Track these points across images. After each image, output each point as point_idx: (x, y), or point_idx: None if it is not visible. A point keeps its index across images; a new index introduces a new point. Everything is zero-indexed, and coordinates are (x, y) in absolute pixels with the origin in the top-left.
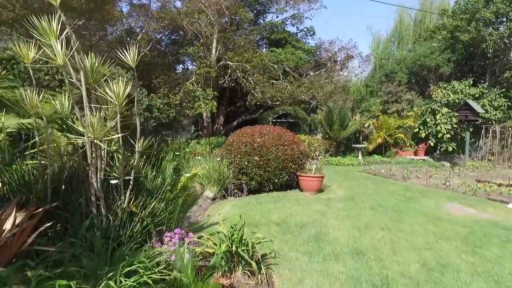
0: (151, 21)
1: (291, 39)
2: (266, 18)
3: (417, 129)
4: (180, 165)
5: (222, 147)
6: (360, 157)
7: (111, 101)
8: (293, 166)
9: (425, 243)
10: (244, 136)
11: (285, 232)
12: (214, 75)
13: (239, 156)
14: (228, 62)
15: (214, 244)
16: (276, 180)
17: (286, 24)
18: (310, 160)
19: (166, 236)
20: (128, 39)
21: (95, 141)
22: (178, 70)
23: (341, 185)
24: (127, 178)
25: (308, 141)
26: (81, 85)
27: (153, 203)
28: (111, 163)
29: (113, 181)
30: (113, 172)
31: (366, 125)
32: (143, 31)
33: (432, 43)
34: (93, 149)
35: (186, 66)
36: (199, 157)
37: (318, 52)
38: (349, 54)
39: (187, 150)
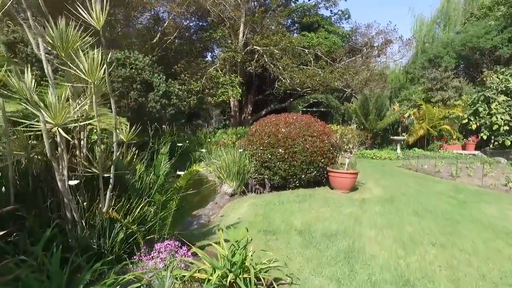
0: (174, 5)
1: (324, 23)
2: (297, 0)
3: (466, 120)
4: (201, 156)
5: (244, 138)
6: (398, 150)
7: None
8: (323, 160)
9: (499, 272)
10: (268, 125)
11: (308, 245)
12: (239, 60)
13: (261, 148)
14: (255, 47)
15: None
16: (303, 176)
17: (319, 7)
18: (342, 153)
19: (154, 250)
20: (156, 26)
21: (56, 128)
22: (208, 58)
23: (377, 182)
24: (106, 175)
25: (341, 132)
26: (41, 54)
27: (139, 207)
28: (90, 156)
29: (72, 182)
30: (93, 168)
31: (406, 115)
32: (170, 18)
33: (488, 21)
34: (57, 138)
35: (214, 54)
36: (222, 148)
37: (353, 37)
38: (387, 39)
39: (213, 140)
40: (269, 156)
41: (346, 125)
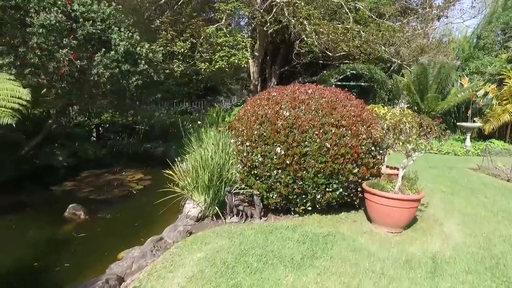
0: None
1: None
2: None
3: None
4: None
5: (233, 122)
6: (468, 142)
7: None
8: (356, 170)
9: None
10: (262, 104)
11: None
12: (247, 13)
13: (248, 143)
14: None
15: None
16: (319, 196)
17: None
18: (390, 153)
19: None
20: None
21: None
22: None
23: (449, 205)
24: None
25: (391, 118)
26: None
27: None
28: None
29: None
30: None
31: (479, 93)
32: None
33: None
34: None
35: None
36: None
37: None
38: None
39: (227, 120)
40: (260, 159)
41: (393, 106)
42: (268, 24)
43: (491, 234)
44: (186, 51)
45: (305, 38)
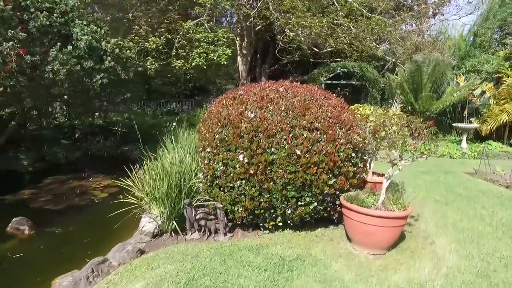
0: None
1: None
2: None
3: None
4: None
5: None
6: (464, 144)
7: None
8: (332, 182)
9: None
10: (226, 104)
11: None
12: (228, 6)
13: (209, 149)
14: None
15: None
16: (289, 212)
17: None
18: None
19: None
20: None
21: None
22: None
23: (443, 218)
24: None
25: (375, 120)
26: None
27: None
28: None
29: None
30: None
31: (476, 92)
32: None
33: None
34: None
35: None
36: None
37: None
38: None
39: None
40: (221, 168)
41: (386, 106)
42: (252, 18)
43: (490, 255)
44: (161, 47)
45: (288, 32)
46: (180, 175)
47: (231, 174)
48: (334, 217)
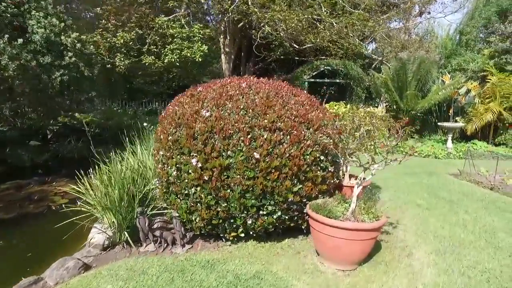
0: None
1: None
2: None
3: None
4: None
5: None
6: (449, 143)
7: None
8: (297, 188)
9: None
10: (182, 103)
11: None
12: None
13: (162, 152)
14: None
15: None
16: (250, 222)
17: None
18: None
19: None
20: None
21: None
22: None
23: (423, 225)
24: None
25: (349, 120)
26: None
27: None
28: None
29: None
30: None
31: (461, 91)
32: None
33: None
34: None
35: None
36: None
37: None
38: None
39: None
40: (175, 173)
41: (368, 105)
42: (230, 14)
43: (471, 268)
44: (131, 43)
45: (265, 27)
46: (134, 181)
47: (185, 180)
48: (303, 227)
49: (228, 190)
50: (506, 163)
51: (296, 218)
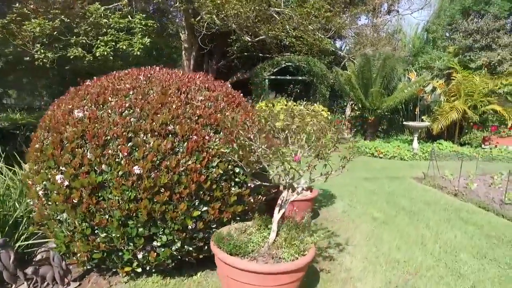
0: None
1: None
2: None
3: None
4: None
5: None
6: (415, 144)
7: None
8: (199, 213)
9: None
10: (63, 102)
11: None
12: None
13: (29, 165)
14: None
15: None
16: (141, 256)
17: None
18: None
19: None
20: None
21: None
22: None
23: (377, 245)
24: None
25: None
26: None
27: None
28: None
29: None
30: None
31: (427, 89)
32: None
33: None
34: None
35: None
36: None
37: None
38: None
39: None
40: (42, 192)
41: (337, 105)
42: (178, 3)
43: None
44: (56, 33)
45: (205, 15)
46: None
47: (55, 201)
48: (210, 253)
49: (107, 216)
50: (471, 165)
51: (206, 247)
